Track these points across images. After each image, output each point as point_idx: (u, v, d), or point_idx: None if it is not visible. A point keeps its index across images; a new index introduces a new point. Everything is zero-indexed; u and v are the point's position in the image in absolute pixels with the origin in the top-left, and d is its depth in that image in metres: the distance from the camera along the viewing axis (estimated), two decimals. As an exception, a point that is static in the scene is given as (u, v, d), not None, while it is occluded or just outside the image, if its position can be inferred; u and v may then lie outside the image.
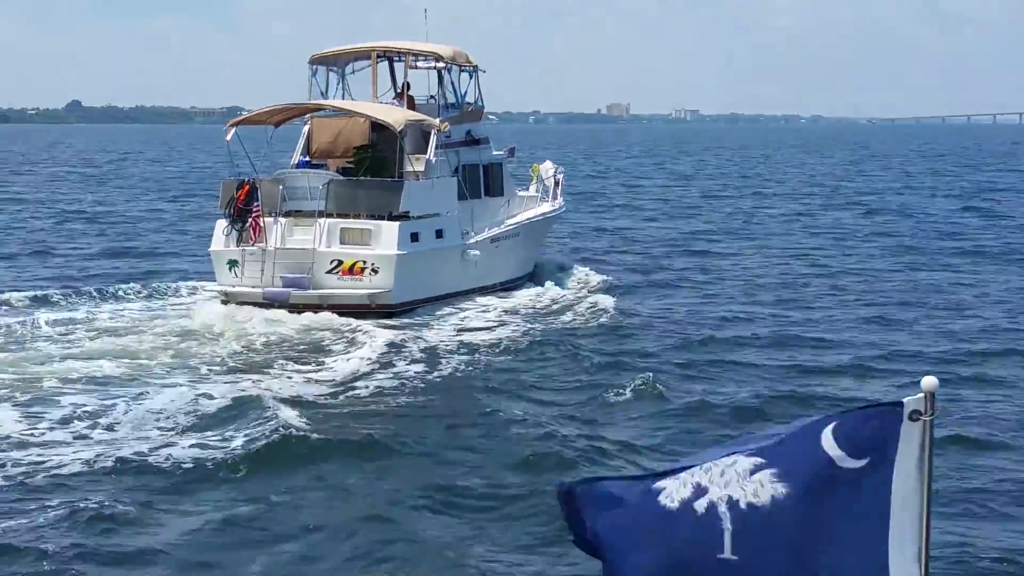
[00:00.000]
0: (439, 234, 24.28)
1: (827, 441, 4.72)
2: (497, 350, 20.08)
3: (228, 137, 24.06)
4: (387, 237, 22.86)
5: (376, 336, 20.60)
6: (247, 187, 23.29)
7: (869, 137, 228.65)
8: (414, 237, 23.36)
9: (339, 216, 23.14)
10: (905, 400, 4.73)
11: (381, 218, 23.04)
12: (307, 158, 25.48)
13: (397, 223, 22.95)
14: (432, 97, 26.82)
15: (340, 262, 22.87)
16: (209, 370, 18.34)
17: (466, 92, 27.27)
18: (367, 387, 17.41)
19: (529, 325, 22.35)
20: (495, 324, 22.47)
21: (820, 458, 4.72)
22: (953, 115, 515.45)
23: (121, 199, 55.30)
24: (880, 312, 23.88)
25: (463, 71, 27.26)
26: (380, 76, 26.75)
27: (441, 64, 26.46)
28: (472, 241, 25.20)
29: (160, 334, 20.58)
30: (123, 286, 25.18)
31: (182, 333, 20.81)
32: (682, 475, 4.80)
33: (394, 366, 18.61)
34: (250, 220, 23.09)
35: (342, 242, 23.00)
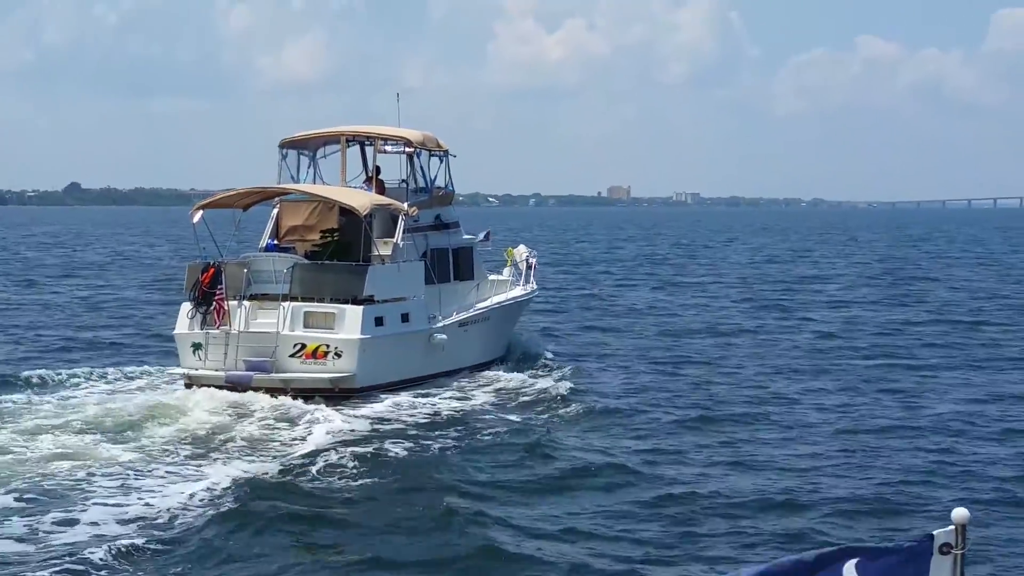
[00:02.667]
0: (405, 318, 24.23)
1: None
2: (451, 436, 19.91)
3: (195, 220, 24.11)
4: (350, 321, 22.81)
5: (333, 419, 20.50)
6: (212, 270, 23.28)
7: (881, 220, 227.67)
8: (378, 321, 23.31)
9: (304, 300, 23.11)
10: (935, 532, 4.51)
11: (345, 302, 23.01)
12: (275, 241, 25.52)
13: (361, 307, 22.92)
14: (403, 181, 26.91)
15: (303, 346, 22.81)
16: (164, 451, 18.29)
17: (436, 176, 27.42)
18: (315, 469, 17.38)
19: (490, 411, 22.21)
20: (455, 409, 22.30)
21: None
22: (953, 199, 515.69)
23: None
24: (910, 423, 21.38)
25: (432, 155, 27.40)
26: (351, 160, 26.89)
27: (410, 149, 26.58)
28: (440, 325, 25.13)
29: (120, 416, 20.46)
30: (79, 371, 25.04)
31: (144, 415, 20.69)
32: None
33: (344, 450, 18.45)
34: (214, 303, 23.05)
35: (306, 326, 22.94)
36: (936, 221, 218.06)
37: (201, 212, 24.37)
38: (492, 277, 29.28)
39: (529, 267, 30.40)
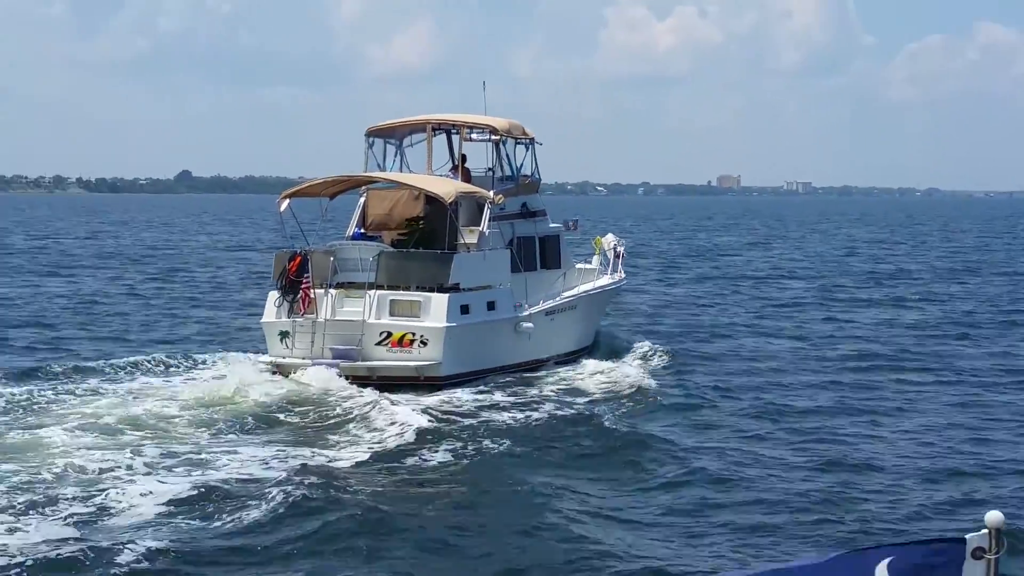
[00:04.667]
0: (491, 306, 24.13)
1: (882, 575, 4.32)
2: (536, 426, 19.74)
3: (281, 208, 24.26)
4: (436, 309, 22.77)
5: (420, 407, 20.44)
6: (299, 259, 23.37)
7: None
8: (464, 309, 23.23)
9: (390, 288, 23.11)
10: (968, 536, 4.36)
11: (431, 290, 22.97)
12: (362, 230, 25.57)
13: (447, 295, 22.86)
14: (489, 169, 26.80)
15: (389, 334, 22.81)
16: (239, 434, 18.44)
17: (522, 164, 27.27)
18: (401, 460, 17.30)
19: (575, 401, 21.97)
20: (542, 399, 22.11)
21: None
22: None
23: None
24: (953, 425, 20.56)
25: (519, 143, 27.25)
26: (437, 148, 26.87)
27: (496, 136, 26.47)
28: (526, 314, 25.00)
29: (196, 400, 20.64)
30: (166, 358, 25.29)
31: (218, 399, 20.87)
32: None
33: (430, 439, 18.39)
34: (301, 291, 23.15)
35: (392, 314, 22.95)
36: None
37: (288, 201, 24.51)
38: (580, 266, 29.06)
39: (617, 256, 30.13)
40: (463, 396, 21.91)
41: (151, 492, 14.92)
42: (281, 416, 20.09)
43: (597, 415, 20.53)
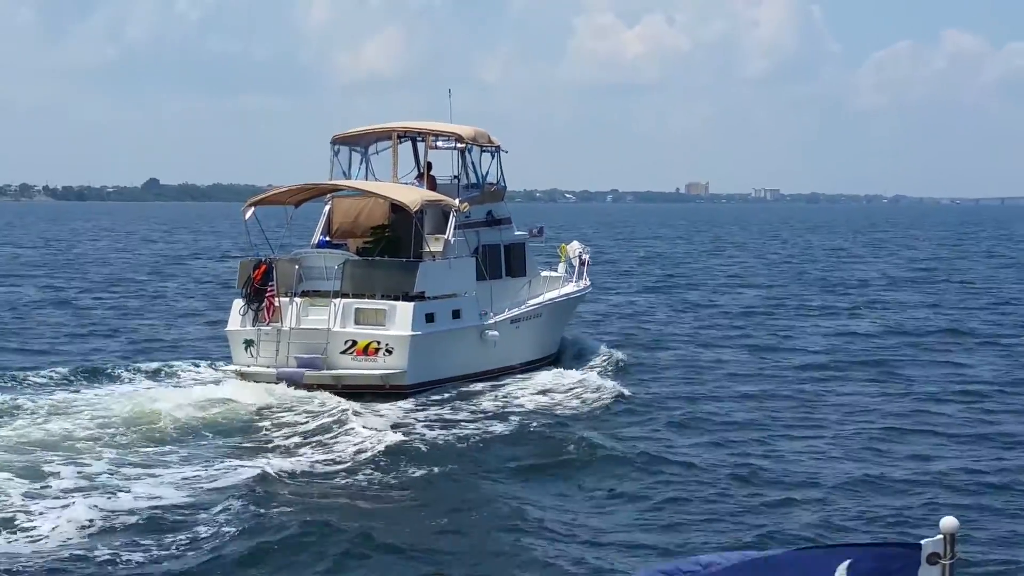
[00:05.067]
0: (456, 314, 24.15)
1: None
2: (500, 434, 19.76)
3: (247, 216, 24.20)
4: (401, 317, 22.76)
5: (379, 417, 20.43)
6: (263, 267, 23.32)
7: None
8: (429, 317, 23.23)
9: (355, 296, 23.09)
10: (923, 542, 4.41)
11: (396, 298, 22.96)
12: (327, 238, 25.54)
13: (412, 303, 22.86)
14: (455, 177, 26.82)
15: (354, 342, 22.78)
16: (211, 445, 18.35)
17: (487, 172, 27.30)
18: (362, 469, 17.26)
19: (540, 409, 21.97)
20: (507, 407, 22.14)
21: None
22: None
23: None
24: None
25: (484, 151, 27.28)
26: (403, 156, 26.82)
27: (462, 144, 26.49)
28: (491, 322, 25.02)
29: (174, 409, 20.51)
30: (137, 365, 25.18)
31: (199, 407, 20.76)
32: None
33: (394, 449, 18.32)
34: (265, 300, 23.09)
35: (357, 322, 22.92)
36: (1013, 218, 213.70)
37: (253, 209, 24.45)
38: (545, 274, 29.12)
39: (583, 263, 30.21)
40: (428, 404, 21.90)
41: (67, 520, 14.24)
42: (222, 430, 19.77)
43: (562, 423, 20.59)
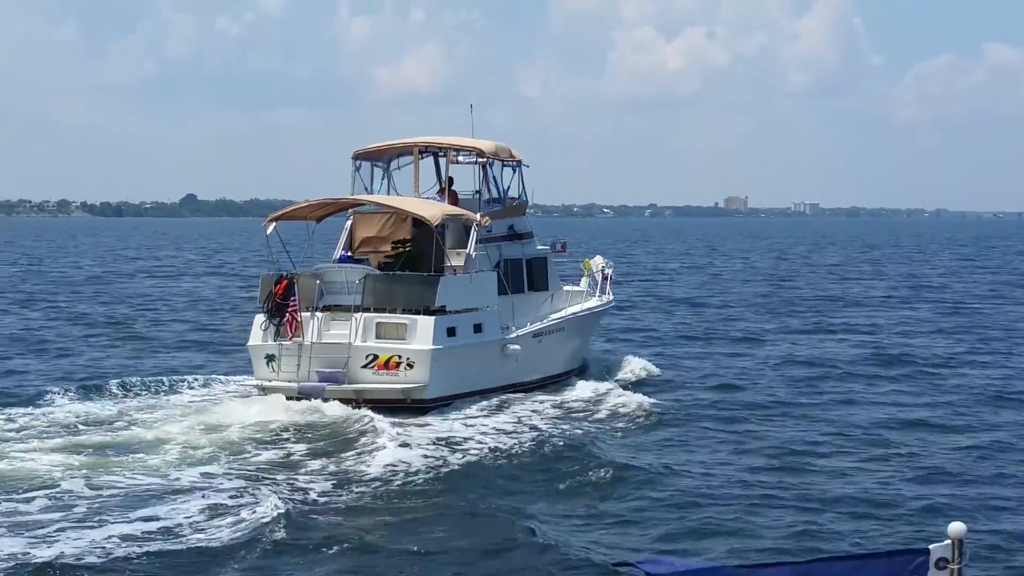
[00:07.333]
0: (477, 328, 24.10)
1: None
2: (522, 450, 19.64)
3: (268, 232, 24.26)
4: (423, 331, 22.73)
5: (400, 431, 20.37)
6: (285, 282, 23.36)
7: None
8: (450, 332, 23.20)
9: (376, 311, 23.10)
10: (931, 547, 4.38)
11: (418, 312, 22.95)
12: (349, 252, 25.57)
13: (433, 318, 22.83)
14: (476, 192, 26.82)
15: (375, 356, 22.78)
16: (228, 459, 18.34)
17: (509, 187, 27.29)
18: (385, 482, 17.23)
19: (563, 425, 21.83)
20: (529, 422, 22.03)
21: None
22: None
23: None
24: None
25: (506, 166, 27.27)
26: (424, 171, 26.88)
27: (483, 159, 26.50)
28: (513, 336, 24.97)
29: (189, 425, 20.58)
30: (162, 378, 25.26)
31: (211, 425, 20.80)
32: None
33: (414, 463, 18.30)
34: (287, 315, 23.12)
35: (378, 336, 22.92)
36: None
37: (274, 224, 24.51)
38: (567, 288, 29.05)
39: (605, 278, 30.15)
40: (449, 419, 21.85)
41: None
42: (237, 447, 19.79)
43: (586, 439, 20.45)
